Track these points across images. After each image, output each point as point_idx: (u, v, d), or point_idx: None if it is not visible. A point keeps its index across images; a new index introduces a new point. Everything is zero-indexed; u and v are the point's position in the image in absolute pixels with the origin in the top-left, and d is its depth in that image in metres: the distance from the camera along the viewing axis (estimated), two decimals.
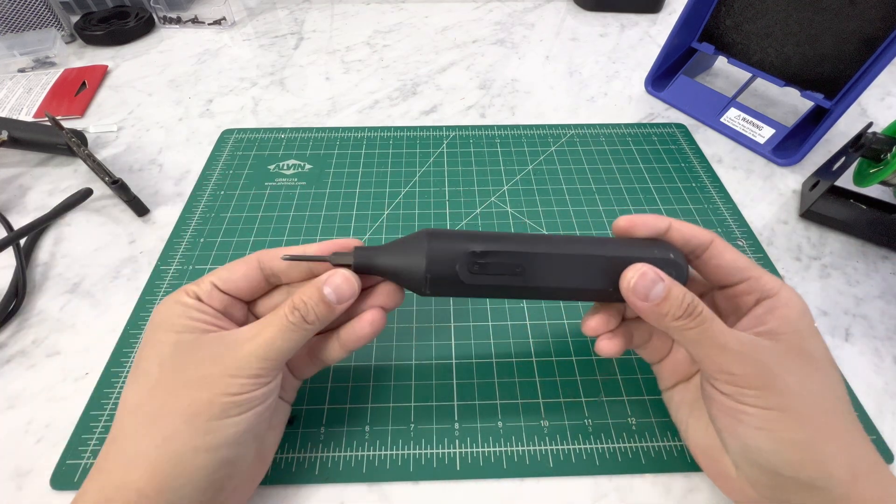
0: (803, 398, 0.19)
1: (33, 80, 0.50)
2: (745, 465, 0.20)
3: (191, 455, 0.18)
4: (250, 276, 0.22)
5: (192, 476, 0.18)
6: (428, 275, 0.21)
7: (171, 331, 0.20)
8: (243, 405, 0.19)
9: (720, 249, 0.22)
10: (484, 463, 0.25)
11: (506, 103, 0.48)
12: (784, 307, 0.21)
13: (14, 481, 0.24)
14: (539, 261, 0.21)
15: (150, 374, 0.19)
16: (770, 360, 0.19)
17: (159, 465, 0.18)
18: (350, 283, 0.21)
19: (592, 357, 0.29)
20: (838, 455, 0.18)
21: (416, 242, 0.21)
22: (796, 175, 0.41)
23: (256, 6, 0.64)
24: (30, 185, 0.40)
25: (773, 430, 0.19)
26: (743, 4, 0.42)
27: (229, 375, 0.19)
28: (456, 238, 0.21)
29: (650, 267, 0.20)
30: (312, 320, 0.20)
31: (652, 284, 0.20)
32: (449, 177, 0.40)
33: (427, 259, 0.20)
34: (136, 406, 0.19)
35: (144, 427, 0.18)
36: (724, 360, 0.19)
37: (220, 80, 0.51)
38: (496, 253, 0.21)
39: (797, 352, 0.20)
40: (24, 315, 0.31)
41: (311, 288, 0.21)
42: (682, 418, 0.24)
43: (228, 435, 0.19)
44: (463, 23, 0.61)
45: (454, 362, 0.28)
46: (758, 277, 0.22)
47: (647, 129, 0.44)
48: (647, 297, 0.20)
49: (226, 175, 0.40)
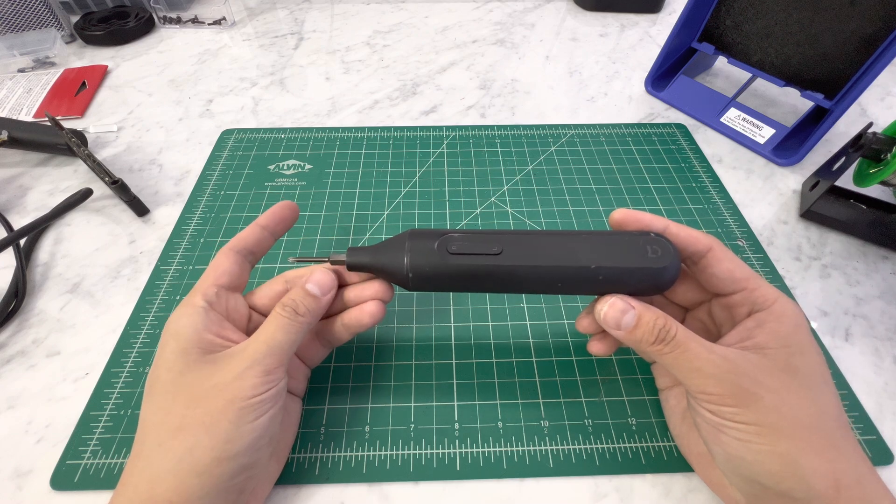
0: (782, 413, 0.19)
1: (33, 80, 0.50)
2: (729, 473, 0.21)
3: (214, 465, 0.19)
4: (236, 261, 0.24)
5: (215, 484, 0.19)
6: (409, 267, 0.22)
7: (180, 347, 0.21)
8: (257, 409, 0.20)
9: (717, 258, 0.22)
10: (484, 463, 0.25)
11: (506, 103, 0.48)
12: (775, 321, 0.20)
13: (14, 481, 0.24)
14: (517, 239, 0.22)
15: (166, 390, 0.20)
16: (749, 376, 0.19)
17: (184, 477, 0.19)
18: (329, 276, 0.23)
19: (592, 357, 0.29)
20: (819, 468, 0.18)
21: (399, 240, 0.23)
22: (796, 175, 0.41)
23: (256, 6, 0.64)
24: (30, 185, 0.40)
25: (752, 441, 0.19)
26: (743, 4, 0.42)
27: (239, 378, 0.20)
28: (436, 231, 0.23)
29: (619, 297, 0.21)
30: (303, 312, 0.22)
31: (621, 314, 0.20)
32: (449, 177, 0.40)
33: (408, 251, 0.22)
34: (156, 422, 0.20)
35: (167, 442, 0.19)
36: (700, 382, 0.20)
37: (220, 80, 0.51)
38: (473, 234, 0.22)
39: (781, 367, 0.20)
40: (24, 315, 0.31)
41: (296, 287, 0.23)
42: (675, 422, 0.24)
43: (246, 442, 0.19)
44: (463, 23, 0.61)
45: (454, 362, 0.28)
46: (753, 289, 0.21)
47: (647, 129, 0.44)
48: (619, 326, 0.21)
49: (226, 175, 0.40)
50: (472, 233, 0.22)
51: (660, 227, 0.22)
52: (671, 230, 0.22)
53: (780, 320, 0.20)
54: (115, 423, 0.26)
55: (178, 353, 0.21)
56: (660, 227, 0.22)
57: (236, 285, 0.24)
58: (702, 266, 0.22)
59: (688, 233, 0.22)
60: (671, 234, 0.22)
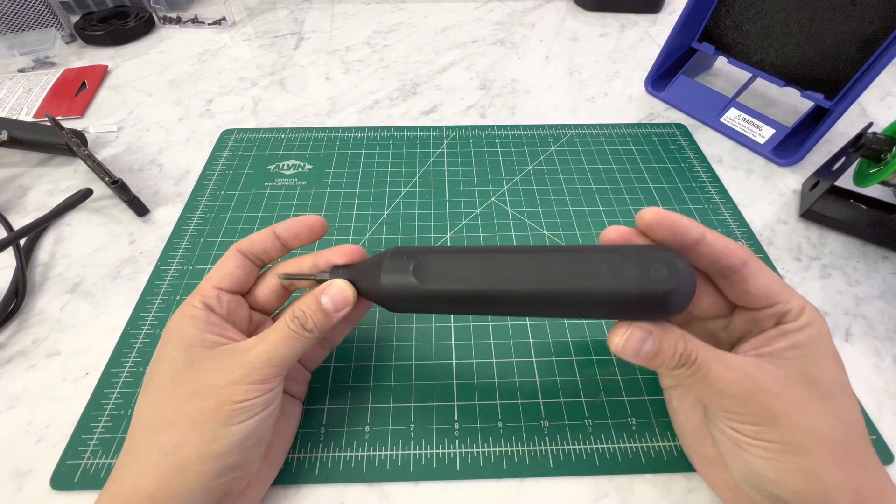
0: (806, 429, 0.18)
1: (33, 80, 0.50)
2: (747, 487, 0.20)
3: (198, 462, 0.19)
4: (242, 265, 0.23)
5: (199, 482, 0.19)
6: (384, 284, 0.21)
7: (183, 344, 0.21)
8: (247, 411, 0.20)
9: (753, 273, 0.20)
10: (484, 463, 0.25)
11: (506, 103, 0.48)
12: (798, 332, 0.20)
13: (14, 481, 0.24)
14: (497, 254, 0.21)
15: (162, 386, 0.20)
16: (771, 393, 0.18)
17: (168, 472, 0.19)
18: (344, 293, 0.22)
19: (592, 357, 0.29)
20: (844, 483, 0.18)
21: (380, 257, 0.22)
22: (796, 175, 0.41)
23: (256, 6, 0.64)
24: (30, 185, 0.40)
25: (777, 460, 0.18)
26: (743, 4, 0.42)
27: (234, 383, 0.20)
28: (414, 251, 0.22)
29: (635, 327, 0.19)
30: (311, 328, 0.21)
31: (640, 344, 0.19)
32: (449, 177, 0.40)
33: (384, 270, 0.21)
34: (148, 416, 0.20)
35: (154, 436, 0.19)
36: (722, 402, 0.19)
37: (220, 80, 0.51)
38: (452, 252, 0.21)
39: (799, 378, 0.19)
40: (24, 315, 0.31)
41: (309, 297, 0.22)
42: (680, 422, 0.24)
43: (233, 442, 0.19)
44: (463, 23, 0.61)
45: (454, 362, 0.28)
46: (785, 302, 0.20)
47: (647, 129, 0.44)
48: (638, 355, 0.19)
49: (226, 175, 0.40)
50: (449, 252, 0.21)
51: (696, 235, 0.20)
52: (707, 240, 0.20)
53: (804, 330, 0.20)
54: (115, 423, 0.26)
55: (181, 349, 0.21)
56: (696, 235, 0.20)
57: (238, 289, 0.23)
58: (733, 281, 0.20)
59: (724, 244, 0.20)
60: (707, 245, 0.20)
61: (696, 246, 0.20)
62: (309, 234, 0.24)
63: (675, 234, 0.20)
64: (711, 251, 0.20)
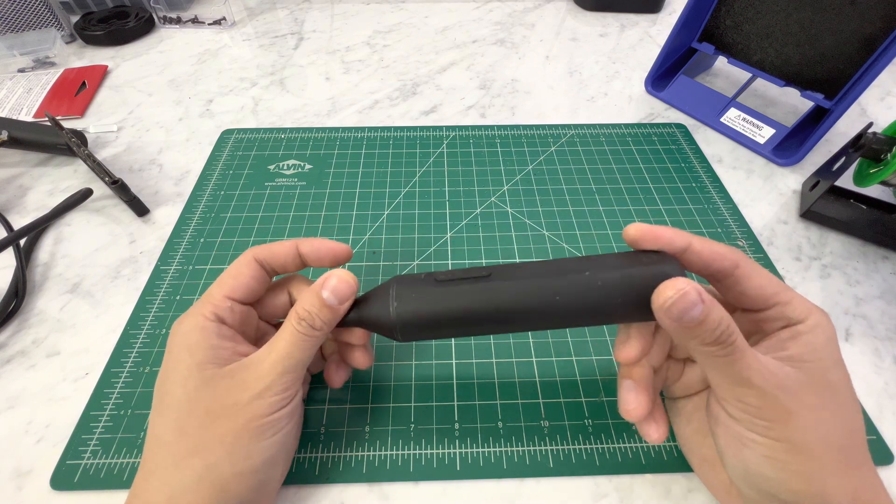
0: (816, 432, 0.18)
1: (33, 80, 0.50)
2: (743, 485, 0.20)
3: (234, 480, 0.19)
4: (257, 276, 0.23)
5: (235, 499, 0.19)
6: (395, 307, 0.21)
7: (194, 361, 0.20)
8: (275, 425, 0.20)
9: (746, 274, 0.20)
10: (484, 463, 0.25)
11: (506, 103, 0.48)
12: (810, 333, 0.19)
13: (14, 481, 0.24)
14: (507, 269, 0.21)
15: (179, 406, 0.20)
16: (790, 392, 0.18)
17: (206, 494, 0.19)
18: (347, 283, 0.21)
19: (592, 357, 0.29)
20: (842, 486, 0.18)
21: (385, 288, 0.22)
22: (796, 175, 0.41)
23: (256, 6, 0.64)
24: (30, 185, 0.40)
25: (779, 459, 0.18)
26: (743, 4, 0.42)
27: (257, 398, 0.20)
28: (418, 275, 0.22)
29: (693, 286, 0.18)
30: (320, 326, 0.21)
31: (691, 307, 0.18)
32: (449, 177, 0.40)
33: (394, 298, 0.21)
34: (171, 439, 0.20)
35: (184, 461, 0.19)
36: (742, 391, 0.19)
37: (220, 80, 0.51)
38: (460, 273, 0.21)
39: (818, 382, 0.19)
40: (24, 315, 0.31)
41: (310, 295, 0.21)
42: (680, 424, 0.24)
43: (266, 458, 0.20)
44: (463, 23, 0.61)
45: (454, 362, 0.28)
46: (786, 303, 0.20)
47: (647, 129, 0.44)
48: (682, 318, 0.18)
49: (226, 175, 0.40)
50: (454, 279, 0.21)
51: (681, 244, 0.20)
52: (694, 248, 0.20)
53: (815, 332, 0.19)
54: (115, 423, 0.26)
55: (192, 368, 0.20)
56: (681, 244, 0.20)
57: (251, 299, 0.23)
58: (728, 284, 0.21)
59: (712, 249, 0.20)
60: (694, 252, 0.20)
61: (684, 255, 0.20)
62: (332, 261, 0.24)
63: (660, 246, 0.20)
64: (700, 258, 0.20)
